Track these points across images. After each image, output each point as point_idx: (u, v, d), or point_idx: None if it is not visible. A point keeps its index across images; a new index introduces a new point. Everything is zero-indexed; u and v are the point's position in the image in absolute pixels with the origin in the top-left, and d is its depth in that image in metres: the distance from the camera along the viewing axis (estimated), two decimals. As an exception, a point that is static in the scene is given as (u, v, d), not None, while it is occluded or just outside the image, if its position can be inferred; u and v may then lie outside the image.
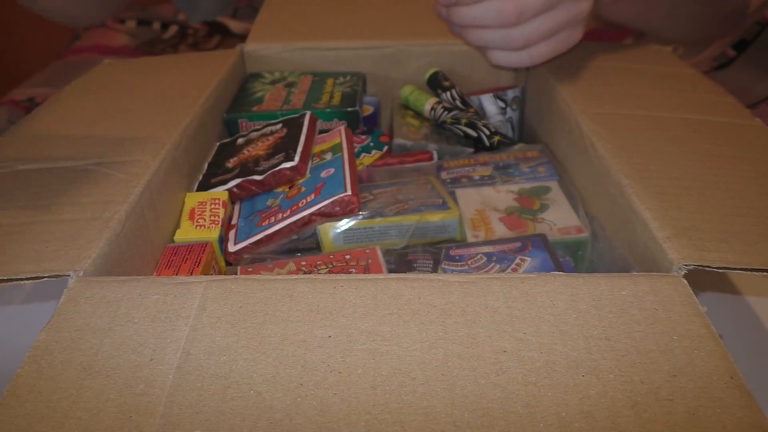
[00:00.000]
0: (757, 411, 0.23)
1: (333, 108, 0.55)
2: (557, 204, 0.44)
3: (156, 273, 0.38)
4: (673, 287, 0.28)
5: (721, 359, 0.25)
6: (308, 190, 0.44)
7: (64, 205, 0.35)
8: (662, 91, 0.48)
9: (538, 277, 0.29)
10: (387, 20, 0.68)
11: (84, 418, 0.23)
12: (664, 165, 0.38)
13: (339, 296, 0.28)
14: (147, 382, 0.24)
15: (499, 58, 0.51)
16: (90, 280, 0.30)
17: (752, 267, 0.29)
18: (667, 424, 0.23)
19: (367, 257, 0.39)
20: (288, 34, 0.66)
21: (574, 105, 0.46)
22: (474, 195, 0.46)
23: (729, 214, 0.33)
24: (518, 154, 0.51)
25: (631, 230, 0.35)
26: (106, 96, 0.51)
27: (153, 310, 0.28)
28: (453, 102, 0.59)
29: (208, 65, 0.58)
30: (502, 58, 0.50)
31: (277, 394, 0.24)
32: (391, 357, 0.25)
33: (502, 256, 0.38)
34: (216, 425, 0.23)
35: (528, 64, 0.50)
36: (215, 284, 0.29)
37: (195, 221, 0.42)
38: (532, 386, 0.24)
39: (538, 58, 0.49)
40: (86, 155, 0.41)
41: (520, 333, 0.26)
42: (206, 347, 0.26)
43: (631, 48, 0.58)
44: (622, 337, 0.26)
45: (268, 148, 0.49)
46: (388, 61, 0.64)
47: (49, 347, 0.26)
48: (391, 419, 0.23)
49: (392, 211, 0.43)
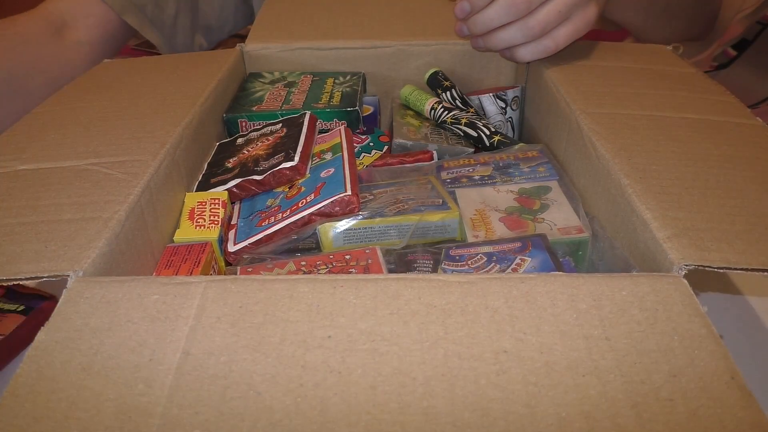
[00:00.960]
0: (758, 411, 0.23)
1: (333, 108, 0.55)
2: (557, 204, 0.44)
3: (155, 273, 0.38)
4: (673, 287, 0.28)
5: (721, 359, 0.25)
6: (308, 190, 0.44)
7: (64, 205, 0.35)
8: (662, 90, 0.48)
9: (538, 277, 0.29)
10: (387, 20, 0.68)
11: (83, 418, 0.23)
12: (664, 165, 0.38)
13: (339, 296, 0.28)
14: (146, 382, 0.24)
15: (526, 54, 0.53)
16: (89, 280, 0.30)
17: (753, 267, 0.29)
18: (668, 424, 0.22)
19: (367, 257, 0.39)
20: (288, 34, 0.65)
21: (574, 105, 0.46)
22: (474, 195, 0.46)
23: (729, 213, 0.33)
24: (518, 154, 0.51)
25: (631, 230, 0.35)
26: (106, 96, 0.51)
27: (152, 310, 0.28)
28: (453, 102, 0.59)
29: (208, 65, 0.58)
30: (529, 52, 0.52)
31: (277, 394, 0.24)
32: (391, 357, 0.25)
33: (502, 256, 0.38)
34: (216, 425, 0.23)
35: (554, 49, 0.51)
36: (215, 284, 0.29)
37: (194, 221, 0.42)
38: (532, 386, 0.24)
39: (562, 41, 0.51)
40: (86, 155, 0.41)
41: (520, 333, 0.26)
42: (206, 347, 0.26)
43: (631, 48, 0.58)
44: (622, 337, 0.26)
45: (267, 148, 0.49)
46: (388, 61, 0.64)
47: (49, 347, 0.26)
48: (391, 419, 0.23)
49: (392, 211, 0.43)
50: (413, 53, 0.63)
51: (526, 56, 0.53)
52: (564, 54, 0.53)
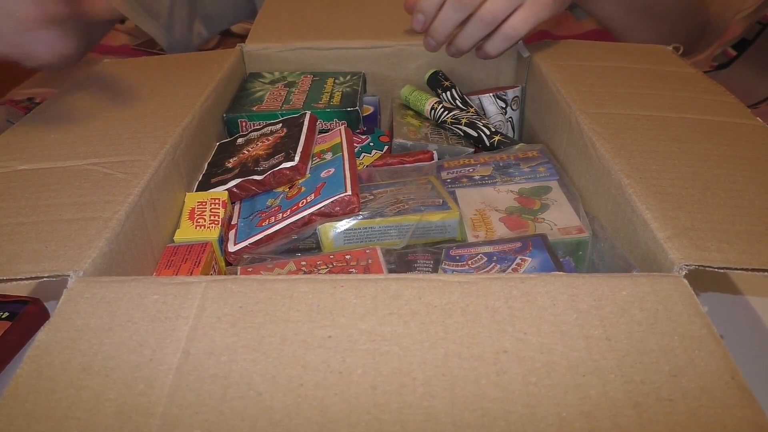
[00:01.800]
0: (758, 411, 0.23)
1: (333, 108, 0.55)
2: (557, 204, 0.44)
3: (156, 273, 0.38)
4: (673, 287, 0.28)
5: (721, 359, 0.25)
6: (308, 190, 0.44)
7: (64, 205, 0.35)
8: (662, 90, 0.48)
9: (538, 278, 0.29)
10: (387, 20, 0.68)
11: (83, 418, 0.23)
12: (664, 165, 0.38)
13: (339, 296, 0.28)
14: (147, 382, 0.24)
15: (492, 47, 0.53)
16: (90, 280, 0.30)
17: (753, 267, 0.29)
18: (668, 424, 0.22)
19: (368, 257, 0.39)
20: (288, 34, 0.65)
21: (574, 105, 0.46)
22: (474, 195, 0.46)
23: (730, 213, 0.33)
24: (518, 154, 0.51)
25: (631, 230, 0.35)
26: (106, 96, 0.51)
27: (153, 310, 0.28)
28: (453, 102, 0.59)
29: (208, 65, 0.58)
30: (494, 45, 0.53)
31: (277, 394, 0.24)
32: (392, 357, 0.25)
33: (503, 256, 0.38)
34: (216, 425, 0.23)
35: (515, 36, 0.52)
36: (215, 284, 0.29)
37: (195, 221, 0.42)
38: (532, 386, 0.24)
39: (521, 26, 0.51)
40: (86, 155, 0.41)
41: (520, 333, 0.26)
42: (206, 347, 0.26)
43: (631, 48, 0.58)
44: (622, 337, 0.26)
45: (268, 148, 0.49)
46: (388, 61, 0.64)
47: (49, 347, 0.26)
48: (391, 419, 0.23)
49: (392, 211, 0.43)
50: (413, 53, 0.63)
51: (492, 50, 0.53)
52: (564, 54, 0.53)
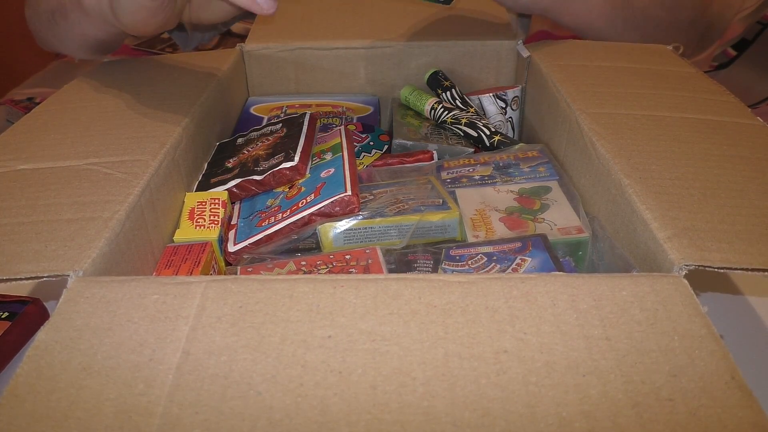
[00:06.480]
0: (758, 411, 0.23)
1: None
2: (557, 204, 0.44)
3: (155, 273, 0.38)
4: (673, 287, 0.28)
5: (721, 359, 0.25)
6: (308, 190, 0.44)
7: (63, 205, 0.35)
8: (662, 90, 0.48)
9: (538, 278, 0.29)
10: (387, 20, 0.68)
11: (83, 417, 0.23)
12: (664, 165, 0.38)
13: (339, 296, 0.28)
14: (146, 382, 0.24)
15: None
16: (89, 280, 0.30)
17: (753, 267, 0.29)
18: (668, 424, 0.22)
19: (367, 257, 0.39)
20: (288, 34, 0.65)
21: (574, 105, 0.46)
22: (474, 195, 0.46)
23: (729, 213, 0.33)
24: (518, 154, 0.51)
25: (631, 230, 0.35)
26: (106, 96, 0.51)
27: (152, 310, 0.28)
28: (453, 102, 0.59)
29: (208, 65, 0.58)
30: None
31: (277, 394, 0.24)
32: (392, 357, 0.25)
33: (503, 257, 0.38)
34: (216, 425, 0.23)
35: None
36: (215, 284, 0.29)
37: (194, 221, 0.42)
38: (532, 386, 0.24)
39: None
40: (86, 155, 0.41)
41: (520, 333, 0.26)
42: (206, 347, 0.26)
43: (631, 48, 0.58)
44: (622, 337, 0.26)
45: (267, 148, 0.49)
46: (388, 61, 0.64)
47: (49, 347, 0.26)
48: (391, 419, 0.23)
49: (392, 211, 0.43)
50: (413, 53, 0.63)
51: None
52: (564, 54, 0.53)
